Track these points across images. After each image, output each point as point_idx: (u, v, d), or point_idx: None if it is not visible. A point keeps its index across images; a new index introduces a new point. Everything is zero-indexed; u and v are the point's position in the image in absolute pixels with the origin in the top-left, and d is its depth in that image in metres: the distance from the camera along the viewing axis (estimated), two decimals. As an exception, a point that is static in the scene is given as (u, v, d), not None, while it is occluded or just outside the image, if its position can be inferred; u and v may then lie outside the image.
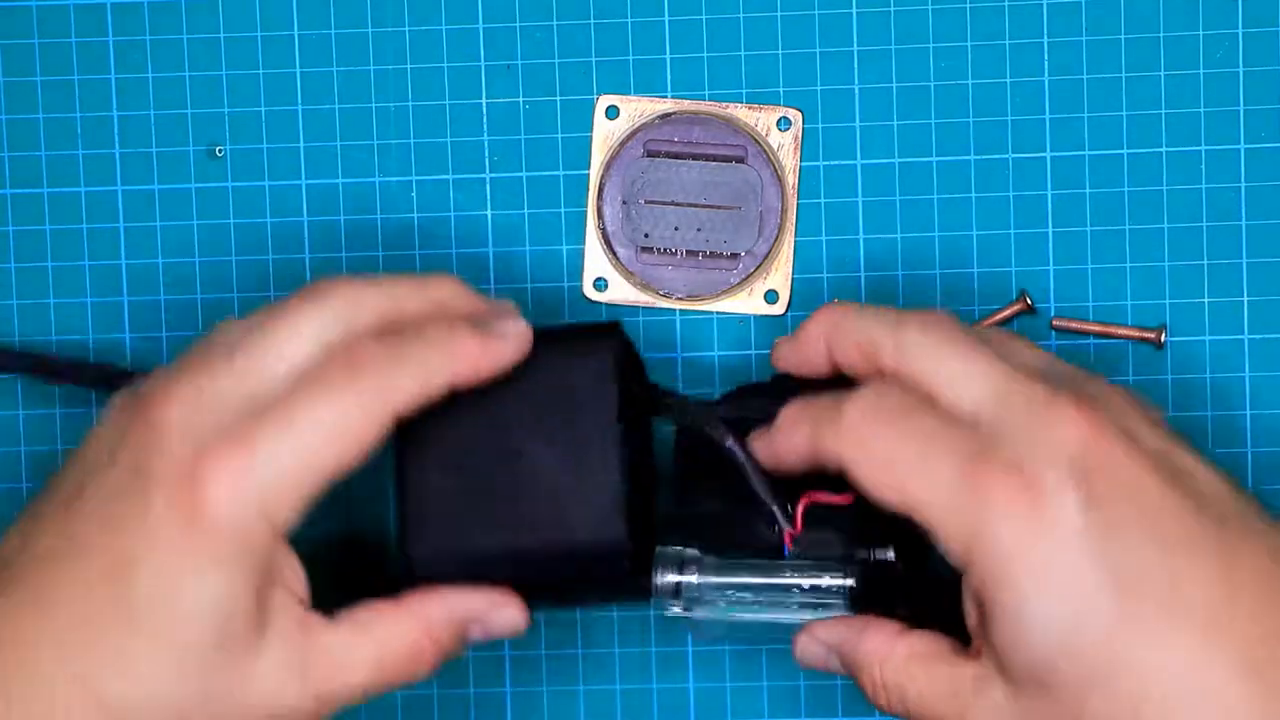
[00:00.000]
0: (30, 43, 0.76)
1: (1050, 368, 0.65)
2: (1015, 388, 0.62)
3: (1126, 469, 0.61)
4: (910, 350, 0.64)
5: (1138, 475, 0.61)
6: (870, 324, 0.65)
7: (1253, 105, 0.74)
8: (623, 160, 0.75)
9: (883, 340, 0.65)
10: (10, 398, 0.77)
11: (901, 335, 0.64)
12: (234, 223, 0.76)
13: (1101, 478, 0.61)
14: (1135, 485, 0.61)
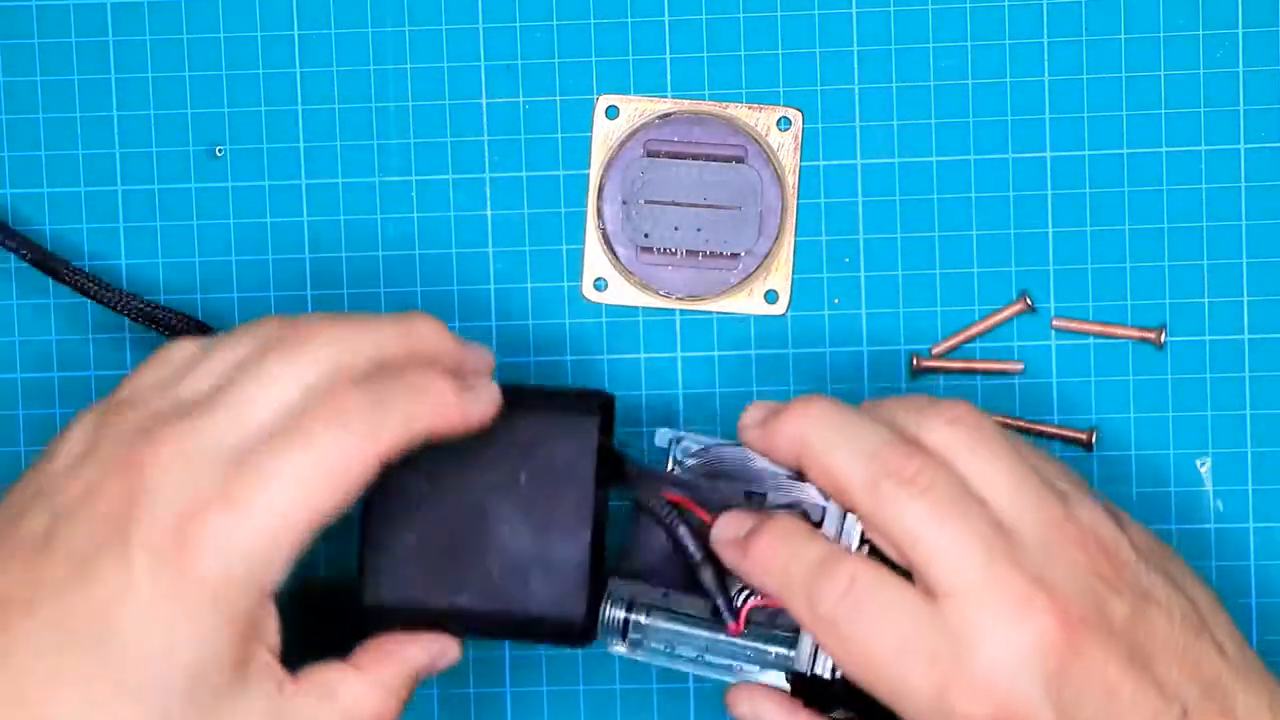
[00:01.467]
0: (30, 43, 0.76)
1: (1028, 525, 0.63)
2: (992, 579, 0.62)
3: (1100, 669, 0.62)
4: (886, 512, 0.63)
5: (1110, 674, 0.62)
6: (844, 462, 0.64)
7: (1253, 105, 0.74)
8: (623, 160, 0.75)
9: (856, 489, 0.64)
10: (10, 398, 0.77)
11: (877, 493, 0.63)
12: (234, 223, 0.76)
13: (1074, 681, 0.61)
14: (1106, 686, 0.62)
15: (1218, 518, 0.75)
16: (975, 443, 0.64)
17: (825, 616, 0.63)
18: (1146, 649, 0.63)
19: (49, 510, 0.62)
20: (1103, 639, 0.62)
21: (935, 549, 0.62)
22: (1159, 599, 0.64)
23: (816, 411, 0.65)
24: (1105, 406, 0.75)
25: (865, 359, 0.75)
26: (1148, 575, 0.64)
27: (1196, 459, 0.75)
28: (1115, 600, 0.63)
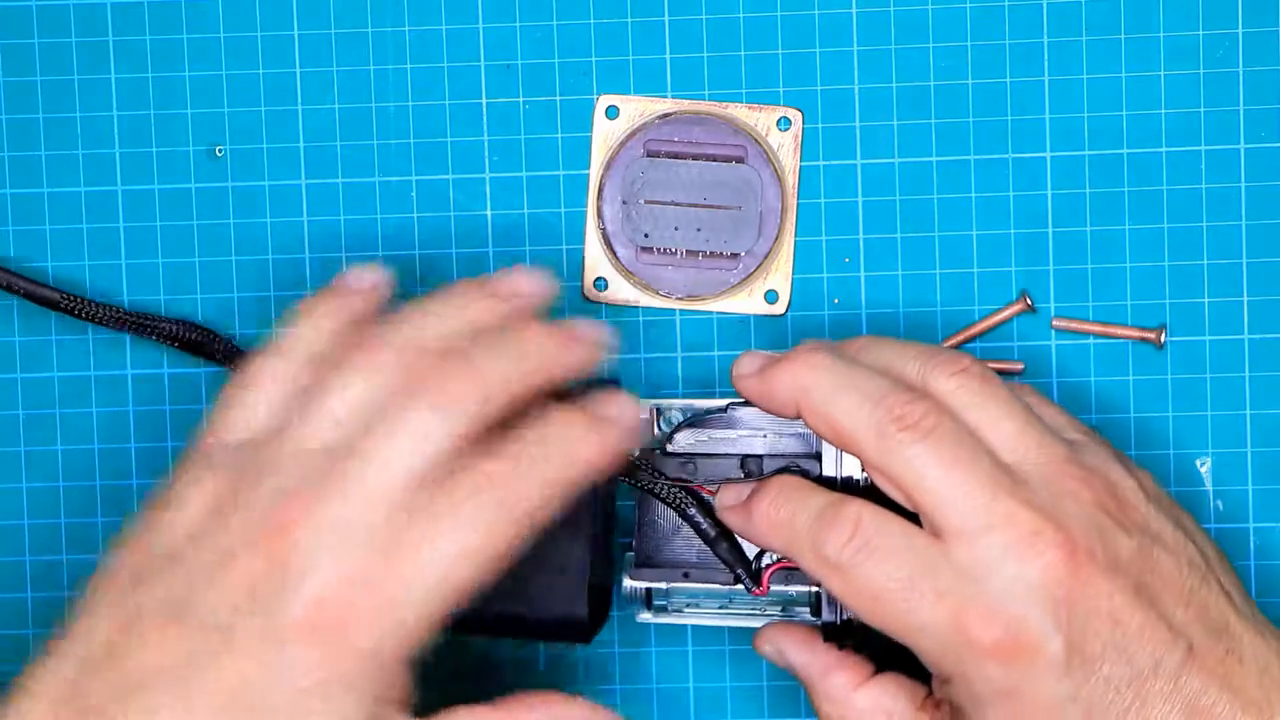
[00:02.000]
0: (30, 43, 0.76)
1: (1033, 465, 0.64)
2: (998, 517, 0.63)
3: (1107, 599, 0.62)
4: (892, 457, 0.64)
5: (1117, 605, 0.62)
6: (848, 410, 0.64)
7: (1253, 105, 0.74)
8: (623, 160, 0.75)
9: (861, 436, 0.64)
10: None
11: (883, 439, 0.64)
12: (234, 223, 0.76)
13: (1081, 611, 0.62)
14: (1113, 617, 0.62)
15: (1218, 518, 0.75)
16: (981, 394, 0.65)
17: (832, 561, 0.63)
18: (1153, 586, 0.63)
19: (182, 575, 0.61)
20: (1109, 572, 0.62)
21: (941, 491, 0.63)
22: (1166, 541, 0.64)
23: (818, 360, 0.65)
24: (1105, 406, 0.75)
25: (865, 359, 0.75)
26: (1156, 519, 0.65)
27: (1196, 459, 0.75)
28: (1121, 537, 0.63)
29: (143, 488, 0.76)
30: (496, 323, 0.65)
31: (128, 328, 0.74)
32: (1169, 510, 0.66)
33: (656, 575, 0.70)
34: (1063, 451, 0.65)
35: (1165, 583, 0.63)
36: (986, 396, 0.65)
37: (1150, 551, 0.64)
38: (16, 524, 0.77)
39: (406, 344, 0.64)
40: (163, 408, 0.77)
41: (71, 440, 0.77)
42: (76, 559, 0.77)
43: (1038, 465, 0.64)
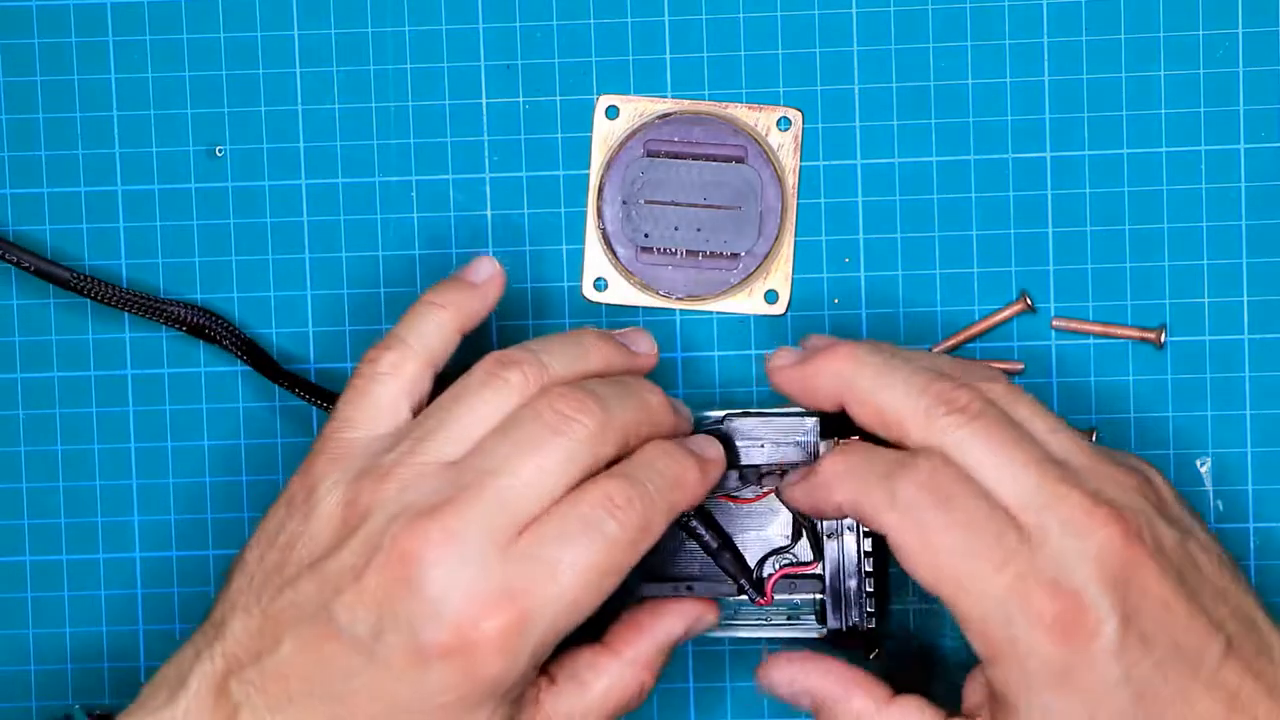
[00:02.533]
0: (30, 43, 0.76)
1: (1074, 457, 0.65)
2: (1053, 497, 0.63)
3: (1158, 584, 0.62)
4: (943, 440, 0.64)
5: (1166, 591, 0.63)
6: (896, 397, 0.65)
7: (1252, 105, 0.74)
8: (623, 160, 0.75)
9: (910, 420, 0.65)
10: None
11: (932, 422, 0.64)
12: (234, 223, 0.76)
13: (1135, 591, 0.62)
14: (1161, 594, 0.63)
15: (1218, 518, 0.75)
16: (1015, 396, 0.66)
17: (906, 502, 0.63)
18: (1193, 579, 0.63)
19: (318, 580, 0.63)
20: (1158, 558, 0.63)
21: (995, 473, 0.63)
22: (1200, 537, 0.65)
23: (861, 353, 0.66)
24: (1105, 406, 0.75)
25: (865, 359, 0.75)
26: (1189, 517, 0.66)
27: (1196, 459, 0.75)
28: (1164, 526, 0.64)
29: (143, 488, 0.76)
30: (616, 373, 0.68)
31: (132, 308, 0.74)
32: (1194, 514, 0.67)
33: (661, 589, 0.70)
34: (1097, 449, 0.66)
35: (1203, 576, 0.64)
36: (1018, 401, 0.66)
37: (1188, 545, 0.64)
38: (17, 524, 0.77)
39: (541, 370, 0.66)
40: (163, 408, 0.77)
41: (72, 440, 0.77)
42: (76, 559, 0.77)
43: (1080, 456, 0.65)
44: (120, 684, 0.77)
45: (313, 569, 0.64)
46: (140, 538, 0.77)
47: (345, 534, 0.64)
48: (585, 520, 0.63)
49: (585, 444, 0.64)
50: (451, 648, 0.62)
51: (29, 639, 0.77)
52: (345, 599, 0.63)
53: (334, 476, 0.65)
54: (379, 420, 0.66)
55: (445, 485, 0.64)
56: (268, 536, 0.65)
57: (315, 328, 0.76)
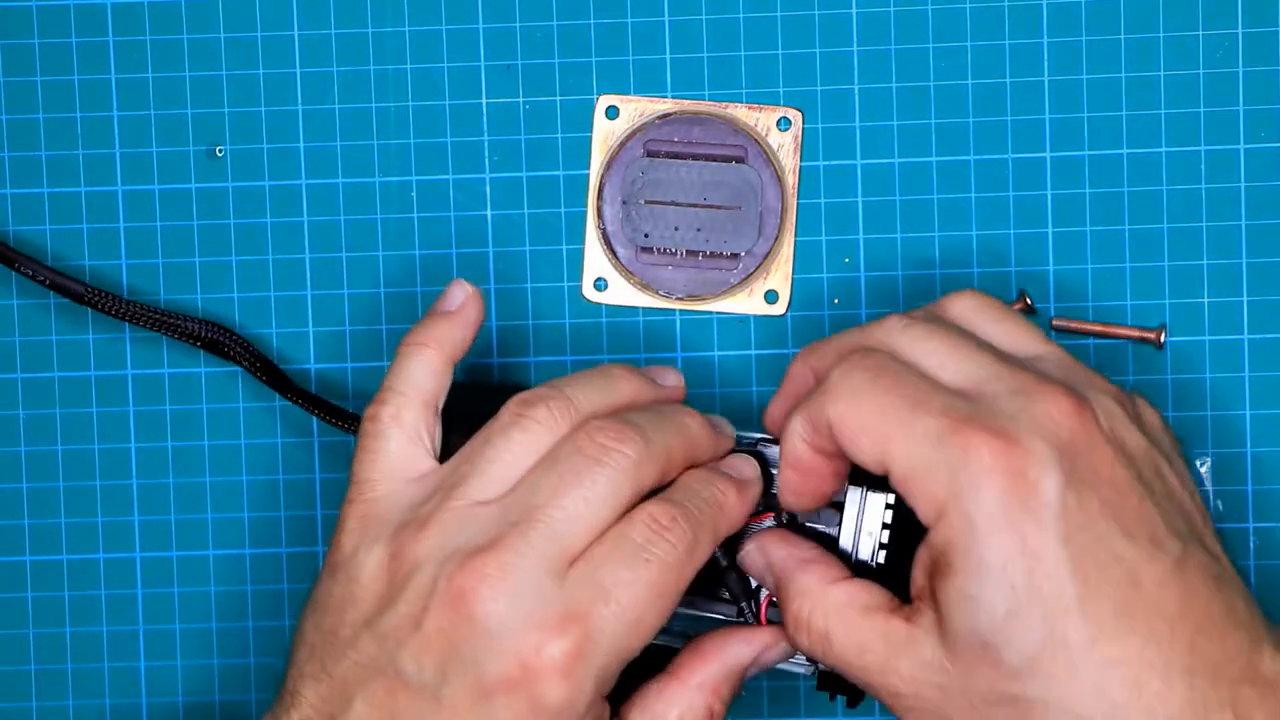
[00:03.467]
0: (30, 43, 0.76)
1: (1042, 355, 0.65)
2: (1005, 370, 0.63)
3: (1107, 461, 0.62)
4: (894, 339, 0.64)
5: (1116, 469, 0.62)
6: (850, 334, 0.66)
7: (1252, 105, 0.74)
8: (623, 160, 0.75)
9: (872, 335, 0.65)
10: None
11: (887, 331, 0.65)
12: (234, 223, 0.76)
13: (1083, 462, 0.61)
14: (1112, 478, 0.62)
15: (1217, 518, 0.75)
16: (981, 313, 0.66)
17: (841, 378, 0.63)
18: (1155, 486, 0.63)
19: (376, 637, 0.64)
20: (1115, 448, 0.62)
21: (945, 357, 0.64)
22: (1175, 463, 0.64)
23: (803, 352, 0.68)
24: (1105, 406, 0.75)
25: (865, 359, 0.75)
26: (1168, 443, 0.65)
27: (1196, 459, 0.75)
28: (1132, 431, 0.63)
29: (143, 488, 0.76)
30: (647, 403, 0.68)
31: (147, 323, 0.75)
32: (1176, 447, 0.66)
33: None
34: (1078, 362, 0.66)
35: (1169, 491, 0.63)
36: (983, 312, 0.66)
37: (1157, 457, 0.64)
38: (17, 524, 0.77)
39: (570, 406, 0.66)
40: (163, 408, 0.77)
41: (72, 440, 0.77)
42: (76, 559, 0.77)
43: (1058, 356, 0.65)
44: (120, 684, 0.77)
45: (369, 627, 0.64)
46: (140, 538, 0.77)
47: (396, 588, 0.64)
48: (634, 543, 0.64)
49: (628, 473, 0.64)
50: (515, 679, 0.62)
51: (29, 639, 0.77)
52: (409, 649, 0.63)
53: (371, 535, 0.65)
54: (397, 474, 0.67)
55: (490, 525, 0.64)
56: (319, 605, 0.66)
57: (315, 328, 0.76)
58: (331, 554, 0.66)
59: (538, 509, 0.64)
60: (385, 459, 0.67)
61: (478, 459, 0.66)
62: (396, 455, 0.67)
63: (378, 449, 0.67)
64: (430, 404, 0.68)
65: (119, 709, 0.77)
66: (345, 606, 0.65)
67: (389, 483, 0.67)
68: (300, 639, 0.66)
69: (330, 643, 0.65)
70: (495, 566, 0.63)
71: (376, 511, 0.66)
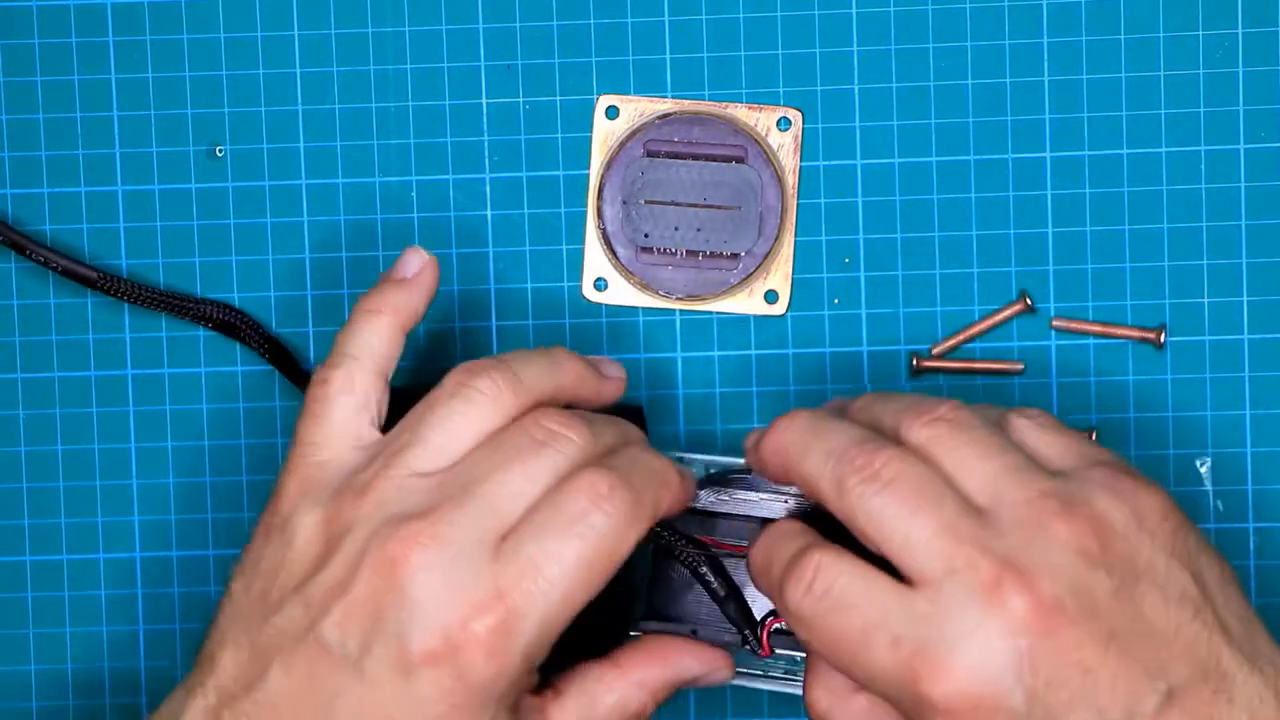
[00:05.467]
0: (30, 43, 0.76)
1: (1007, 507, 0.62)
2: (960, 563, 0.61)
3: (1073, 654, 0.60)
4: (854, 509, 0.63)
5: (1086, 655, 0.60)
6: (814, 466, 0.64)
7: (1252, 105, 0.74)
8: (623, 160, 0.75)
9: (826, 490, 0.64)
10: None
11: (844, 492, 0.63)
12: (234, 223, 0.76)
13: (1046, 667, 0.60)
14: (1081, 671, 0.60)
15: (1218, 518, 0.75)
16: (954, 439, 0.63)
17: (793, 611, 0.63)
18: (1132, 628, 0.61)
19: (302, 603, 0.63)
20: (1081, 619, 0.60)
21: (902, 539, 0.62)
22: (1156, 575, 0.62)
23: (794, 422, 0.66)
24: (1105, 406, 0.75)
25: (865, 359, 0.75)
26: (1149, 549, 0.62)
27: (1196, 459, 0.75)
28: (1100, 578, 0.61)
29: (143, 488, 0.77)
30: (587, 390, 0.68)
31: (165, 307, 0.75)
32: (1166, 537, 0.63)
33: (664, 629, 0.69)
34: (1044, 487, 0.62)
35: (1147, 624, 0.61)
36: (960, 442, 0.63)
37: (1133, 591, 0.61)
38: (17, 524, 0.77)
39: (515, 382, 0.65)
40: (163, 408, 0.77)
41: (72, 440, 0.77)
42: (76, 559, 0.77)
43: (1014, 506, 0.62)
44: (120, 684, 0.77)
45: (297, 592, 0.63)
46: (140, 538, 0.77)
47: (327, 553, 0.63)
48: (570, 514, 0.63)
49: (571, 459, 0.64)
50: (439, 653, 0.61)
51: (29, 639, 0.77)
52: (333, 616, 0.62)
53: (309, 498, 0.65)
54: (341, 440, 0.66)
55: (428, 495, 0.63)
56: (250, 567, 0.65)
57: (315, 328, 0.76)
58: (267, 516, 0.66)
59: (475, 483, 0.63)
60: (331, 423, 0.66)
61: (419, 427, 0.65)
62: (343, 421, 0.66)
63: (324, 413, 0.67)
64: (382, 371, 0.68)
65: (119, 709, 0.77)
66: (277, 570, 0.64)
67: (332, 448, 0.66)
68: (226, 601, 0.65)
69: (256, 607, 0.64)
70: (429, 536, 0.62)
71: (317, 475, 0.65)
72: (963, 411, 0.64)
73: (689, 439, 0.75)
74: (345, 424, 0.66)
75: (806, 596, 0.62)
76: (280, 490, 0.66)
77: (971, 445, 0.63)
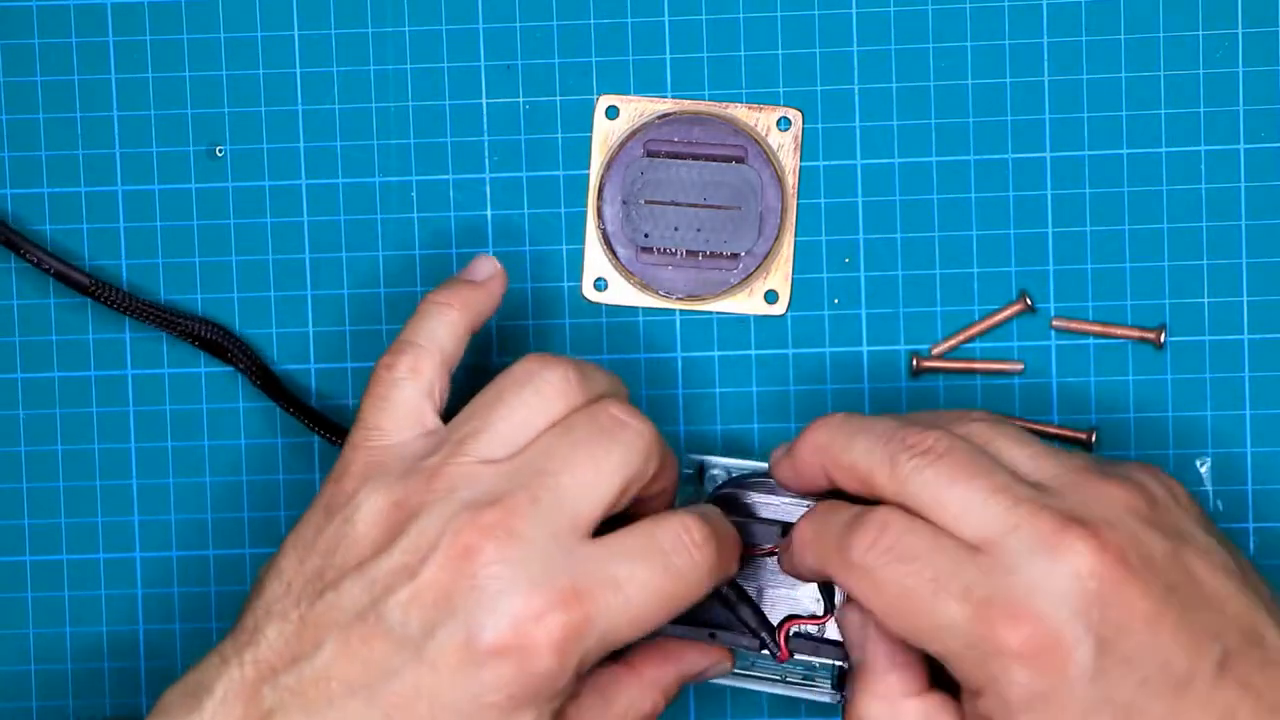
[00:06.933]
0: (30, 43, 0.76)
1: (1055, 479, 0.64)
2: (1021, 518, 0.62)
3: (1141, 599, 0.61)
4: (908, 483, 0.63)
5: (1150, 607, 0.61)
6: (863, 452, 0.65)
7: (1252, 105, 0.74)
8: (623, 160, 0.75)
9: (878, 470, 0.64)
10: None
11: (897, 467, 0.64)
12: (234, 223, 0.76)
13: (1115, 610, 0.61)
14: (1147, 618, 0.61)
15: (1217, 518, 0.75)
16: (993, 432, 0.65)
17: (857, 563, 0.63)
18: (1186, 589, 0.62)
19: (365, 582, 0.63)
20: (1142, 572, 0.61)
21: (959, 506, 0.62)
22: (1199, 544, 0.63)
23: (832, 419, 0.66)
24: (1105, 406, 0.75)
25: (865, 359, 0.75)
26: (1188, 521, 0.64)
27: (1196, 459, 0.75)
28: (1154, 537, 0.62)
29: (143, 488, 0.77)
30: None
31: (147, 318, 0.75)
32: (1199, 515, 0.65)
33: (683, 632, 0.70)
34: (1086, 463, 0.64)
35: (1199, 586, 0.62)
36: (998, 434, 0.65)
37: (1183, 554, 0.63)
38: (17, 524, 0.77)
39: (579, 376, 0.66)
40: (163, 408, 0.77)
41: (72, 440, 0.77)
42: (76, 559, 0.77)
43: (1060, 476, 0.64)
44: (120, 684, 0.77)
45: (359, 570, 0.63)
46: (140, 538, 0.77)
47: (393, 534, 0.63)
48: (662, 547, 0.63)
49: (640, 451, 0.64)
50: (509, 645, 0.62)
51: (29, 639, 0.77)
52: (398, 597, 0.62)
53: (374, 480, 0.65)
54: (407, 425, 0.66)
55: (499, 483, 0.63)
56: (305, 542, 0.65)
57: (315, 328, 0.76)
58: (328, 494, 0.65)
59: (549, 474, 0.63)
60: (397, 408, 0.66)
61: (489, 414, 0.65)
62: (408, 406, 0.66)
63: (391, 396, 0.67)
64: (447, 364, 0.68)
65: (119, 709, 0.77)
66: (336, 548, 0.64)
67: (399, 432, 0.66)
68: (275, 575, 0.64)
69: (311, 584, 0.63)
70: (503, 527, 0.62)
71: (382, 459, 0.65)
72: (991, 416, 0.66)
73: (689, 439, 0.75)
74: (410, 409, 0.66)
75: (872, 550, 0.63)
76: (343, 471, 0.66)
77: (1009, 435, 0.65)
